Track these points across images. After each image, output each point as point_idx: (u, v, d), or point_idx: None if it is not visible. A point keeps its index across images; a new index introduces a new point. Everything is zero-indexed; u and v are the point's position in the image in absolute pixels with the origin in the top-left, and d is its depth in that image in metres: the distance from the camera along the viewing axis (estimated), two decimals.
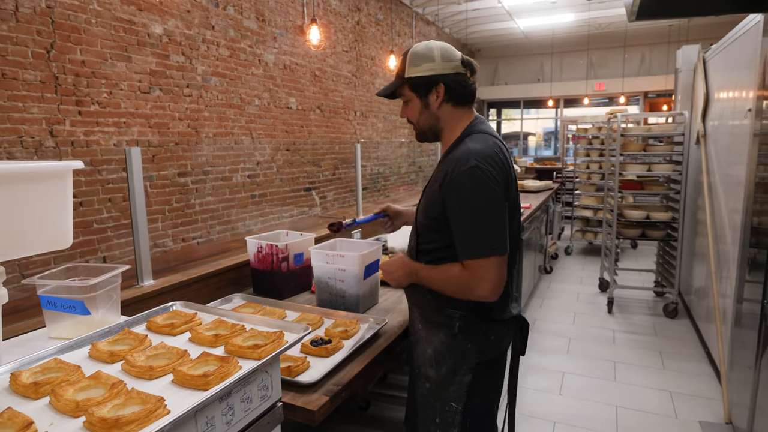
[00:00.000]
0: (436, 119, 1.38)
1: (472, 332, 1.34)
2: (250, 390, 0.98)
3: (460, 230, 1.25)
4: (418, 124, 1.41)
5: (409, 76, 1.35)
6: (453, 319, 1.34)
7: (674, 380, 3.04)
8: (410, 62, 1.35)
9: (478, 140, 1.31)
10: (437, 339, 1.37)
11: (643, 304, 4.46)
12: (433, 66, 1.33)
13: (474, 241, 1.22)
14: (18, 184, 0.93)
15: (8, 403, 0.83)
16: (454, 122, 1.39)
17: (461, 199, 1.23)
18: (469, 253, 1.23)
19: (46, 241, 0.98)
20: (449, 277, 1.28)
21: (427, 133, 1.42)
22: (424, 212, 1.38)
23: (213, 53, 5.05)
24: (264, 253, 1.97)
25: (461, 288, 1.26)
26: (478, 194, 1.22)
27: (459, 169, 1.24)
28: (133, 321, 1.20)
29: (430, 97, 1.36)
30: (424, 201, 1.39)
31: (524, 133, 14.43)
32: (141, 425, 0.77)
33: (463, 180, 1.23)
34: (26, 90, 3.46)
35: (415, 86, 1.36)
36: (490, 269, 1.21)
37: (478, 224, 1.22)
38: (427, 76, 1.33)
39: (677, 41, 10.39)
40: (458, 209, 1.24)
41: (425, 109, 1.37)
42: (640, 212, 4.31)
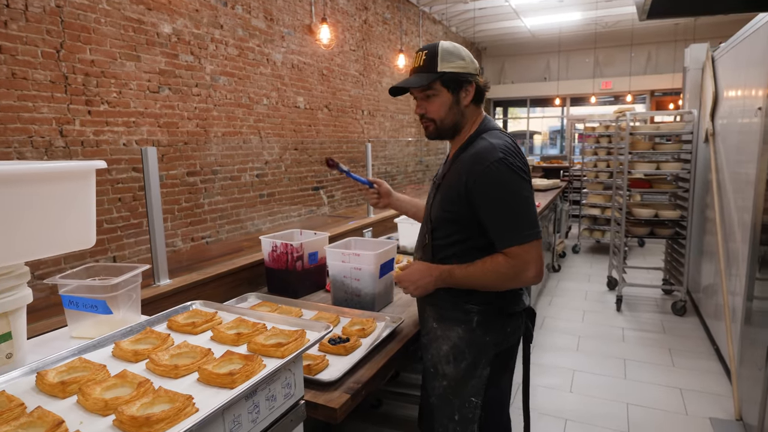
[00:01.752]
0: (462, 116, 1.41)
1: (489, 325, 1.37)
2: (275, 388, 0.99)
3: (500, 220, 1.28)
4: (442, 120, 1.40)
5: (444, 70, 1.35)
6: (471, 314, 1.36)
7: (684, 377, 3.04)
8: (443, 57, 1.36)
9: (496, 136, 1.37)
10: (454, 335, 1.38)
11: (651, 302, 4.45)
12: (465, 65, 1.37)
13: (517, 228, 1.26)
14: (44, 183, 0.93)
15: (37, 402, 0.84)
16: (471, 121, 1.44)
17: (497, 190, 1.27)
18: (513, 240, 1.26)
19: (71, 241, 0.99)
20: (494, 269, 1.29)
21: (448, 130, 1.43)
22: (441, 206, 1.39)
23: (222, 52, 5.07)
24: (279, 252, 1.97)
25: (509, 276, 1.29)
26: (512, 183, 1.27)
27: (488, 161, 1.28)
28: (154, 320, 1.21)
29: (461, 93, 1.39)
30: (441, 196, 1.40)
31: (530, 132, 14.40)
32: (171, 423, 0.77)
33: (495, 172, 1.27)
34: (36, 90, 3.48)
35: (449, 81, 1.37)
36: (534, 252, 1.26)
37: (518, 211, 1.27)
38: (461, 73, 1.37)
39: (684, 40, 10.32)
40: (495, 200, 1.28)
41: (455, 105, 1.39)
42: (648, 210, 4.30)
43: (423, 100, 1.41)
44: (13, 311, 0.96)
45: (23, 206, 0.90)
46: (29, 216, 0.92)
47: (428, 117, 1.42)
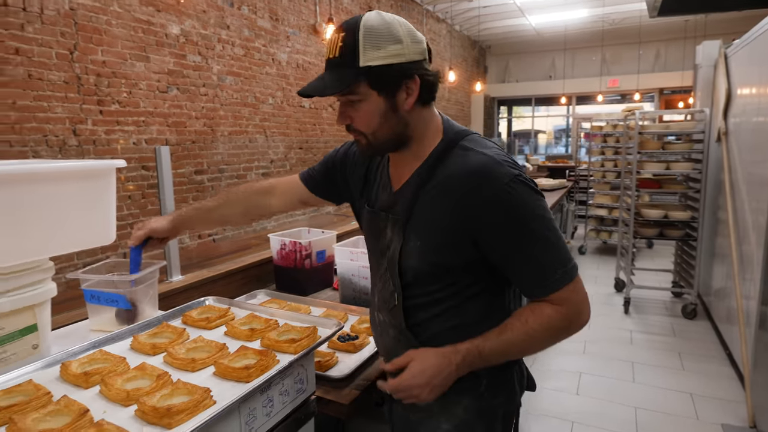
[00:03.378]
0: (405, 126, 0.97)
1: (498, 385, 1.06)
2: (288, 383, 1.01)
3: (537, 261, 0.93)
4: (375, 132, 0.96)
5: (368, 64, 0.89)
6: (480, 378, 1.02)
7: (695, 382, 3.02)
8: (366, 44, 0.89)
9: (483, 144, 0.98)
10: (460, 409, 1.04)
11: (660, 305, 4.44)
12: (402, 50, 0.90)
13: (558, 268, 0.93)
14: (68, 182, 0.97)
15: (62, 391, 0.87)
16: (425, 128, 1.00)
17: (526, 221, 0.91)
18: (560, 281, 0.93)
19: (93, 237, 1.02)
20: (545, 327, 0.96)
21: (386, 144, 0.99)
22: (423, 257, 0.98)
23: (228, 53, 5.11)
24: (287, 250, 2.00)
25: (564, 330, 0.98)
26: (539, 208, 0.93)
27: (500, 183, 0.90)
28: (170, 315, 1.24)
29: (398, 95, 0.93)
30: (422, 242, 0.98)
31: (535, 131, 14.37)
32: (190, 415, 0.80)
33: (515, 196, 0.90)
34: (51, 90, 3.53)
35: (379, 80, 0.91)
36: (583, 288, 0.96)
37: (553, 245, 0.93)
38: (395, 65, 0.90)
39: (694, 36, 10.26)
40: (526, 235, 0.92)
41: (392, 113, 0.94)
42: (658, 211, 4.28)
43: (345, 105, 0.96)
44: (39, 304, 0.99)
45: (48, 203, 0.93)
46: (54, 213, 0.96)
47: (355, 129, 0.97)
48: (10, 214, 0.89)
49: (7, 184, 0.89)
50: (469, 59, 12.14)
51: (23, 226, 0.91)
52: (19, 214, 0.90)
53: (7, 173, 0.90)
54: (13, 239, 0.90)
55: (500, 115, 14.51)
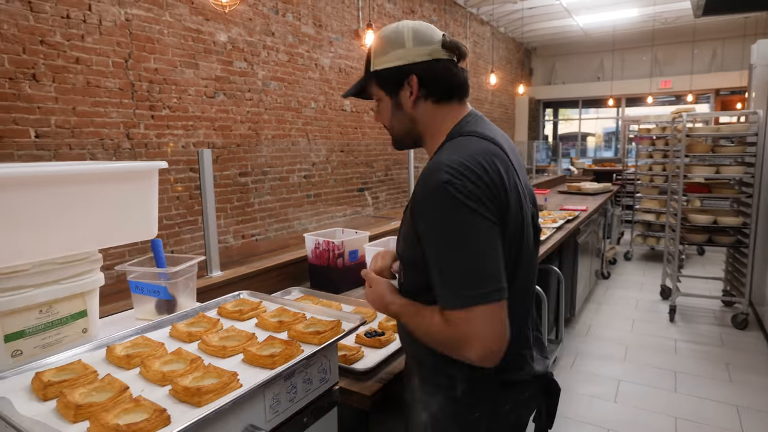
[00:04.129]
0: (412, 121, 1.06)
1: (478, 397, 1.02)
2: (311, 372, 1.07)
3: (434, 271, 0.92)
4: (392, 128, 1.10)
5: (376, 69, 1.04)
6: (454, 380, 1.02)
7: (742, 394, 2.88)
8: (377, 52, 1.05)
9: (459, 146, 0.97)
10: (435, 403, 1.05)
11: (709, 314, 4.24)
12: (404, 53, 1.01)
13: (452, 287, 0.89)
14: (116, 181, 1.06)
15: (106, 370, 0.96)
16: (436, 124, 1.05)
17: (432, 229, 0.91)
18: (446, 301, 0.90)
19: (137, 231, 1.11)
20: (428, 331, 0.97)
21: (405, 139, 1.11)
22: (402, 244, 1.06)
23: (273, 59, 5.29)
24: (321, 250, 2.07)
25: (444, 346, 0.95)
26: (452, 220, 0.89)
27: (426, 187, 0.92)
28: (206, 306, 1.32)
29: (401, 93, 1.04)
30: (401, 230, 1.08)
31: (582, 134, 13.98)
32: (218, 395, 0.86)
33: (430, 203, 0.91)
34: (107, 97, 3.78)
35: (383, 81, 1.05)
36: (478, 324, 0.87)
37: (456, 262, 0.89)
38: (395, 67, 1.02)
39: (754, 35, 9.72)
40: (429, 242, 0.92)
41: (398, 110, 1.06)
42: (706, 217, 4.10)
43: (376, 106, 1.11)
44: (89, 292, 1.09)
45: (98, 201, 1.03)
46: (102, 209, 1.05)
47: (384, 125, 1.13)
48: (65, 210, 0.99)
49: (63, 183, 0.99)
50: (513, 61, 11.97)
51: (76, 221, 1.01)
52: (72, 210, 1.00)
53: (63, 174, 1.00)
54: (67, 233, 1.00)
55: (546, 118, 14.21)
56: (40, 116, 3.39)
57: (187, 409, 0.84)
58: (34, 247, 0.94)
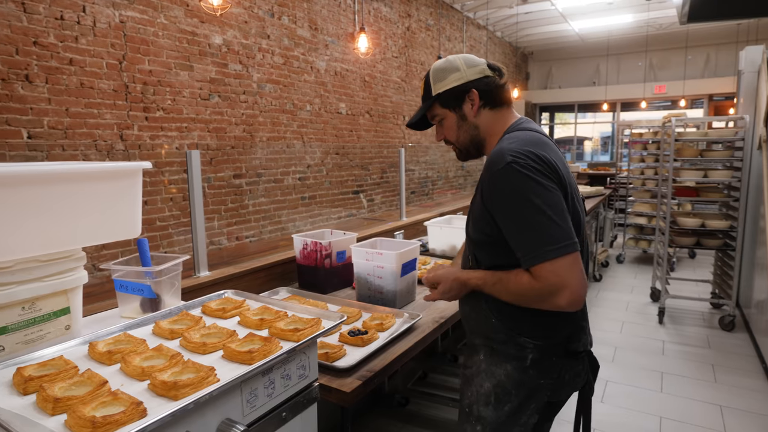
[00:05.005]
0: (476, 129, 1.27)
1: (546, 366, 1.17)
2: (290, 368, 1.09)
3: (515, 239, 1.08)
4: (458, 140, 1.30)
5: (438, 92, 1.26)
6: (525, 350, 1.17)
7: (726, 394, 2.92)
8: (435, 79, 1.27)
9: (513, 138, 1.16)
10: (502, 372, 1.19)
11: (697, 316, 4.28)
12: (460, 75, 1.25)
13: (535, 245, 1.04)
14: (99, 181, 1.08)
15: (87, 365, 0.98)
16: (495, 127, 1.27)
17: (506, 203, 1.08)
18: (532, 259, 1.04)
19: (121, 230, 1.13)
20: (517, 291, 1.10)
21: (470, 148, 1.30)
22: (474, 227, 1.22)
23: (268, 61, 5.31)
24: (309, 250, 2.09)
25: (535, 300, 1.09)
26: (523, 190, 1.05)
27: (493, 170, 1.10)
28: (190, 305, 1.34)
29: (464, 107, 1.26)
30: (471, 215, 1.25)
31: (578, 138, 14.05)
32: (195, 389, 0.89)
33: (501, 181, 1.08)
34: (101, 98, 3.80)
35: (446, 100, 1.27)
36: (566, 271, 1.02)
37: (534, 224, 1.04)
38: (456, 87, 1.25)
39: (746, 41, 9.81)
40: (506, 214, 1.09)
41: (463, 122, 1.27)
42: (695, 220, 4.15)
43: (438, 126, 1.33)
44: (72, 289, 1.11)
45: (82, 200, 1.05)
46: (87, 208, 1.08)
47: (448, 141, 1.33)
48: (49, 209, 1.01)
49: (47, 183, 1.01)
50: (510, 65, 12.03)
51: (60, 220, 1.04)
52: (56, 209, 1.02)
53: (47, 173, 1.03)
54: (51, 231, 1.03)
55: (542, 122, 14.28)
56: (32, 117, 3.40)
57: (164, 403, 0.87)
58: (18, 244, 0.96)
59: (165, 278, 1.34)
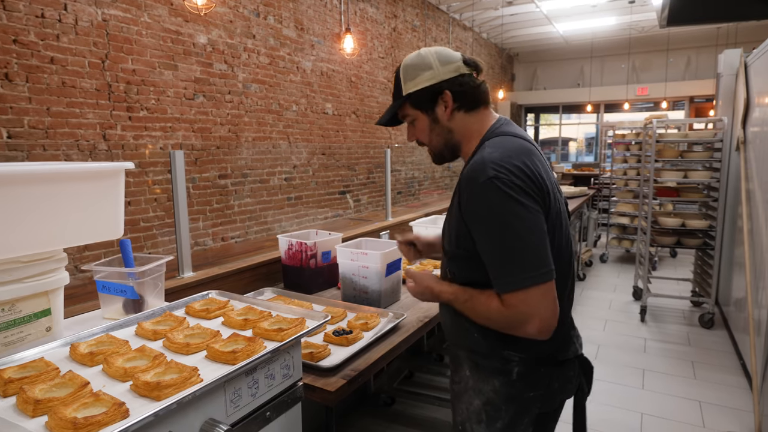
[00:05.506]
0: (450, 132, 1.18)
1: (533, 378, 1.12)
2: (274, 368, 1.10)
3: (489, 259, 1.03)
4: (431, 143, 1.21)
5: (408, 92, 1.16)
6: (510, 364, 1.12)
7: (705, 390, 2.99)
8: (405, 77, 1.17)
9: (497, 145, 1.08)
10: (489, 388, 1.14)
11: (678, 314, 4.36)
12: (433, 74, 1.14)
13: (508, 271, 0.99)
14: (80, 181, 1.08)
15: (69, 367, 0.98)
16: (470, 130, 1.18)
17: (484, 221, 1.02)
18: (504, 285, 1.00)
19: (102, 231, 1.13)
20: (486, 315, 1.06)
21: (444, 151, 1.21)
22: (450, 240, 1.15)
23: (254, 61, 5.29)
24: (294, 251, 2.09)
25: (504, 327, 1.05)
26: (502, 212, 0.99)
27: (475, 183, 1.02)
28: (174, 306, 1.34)
29: (437, 109, 1.16)
30: (447, 225, 1.17)
31: (563, 139, 14.20)
32: (178, 389, 0.89)
33: (481, 196, 1.01)
34: (83, 97, 3.75)
35: (418, 101, 1.17)
36: (536, 302, 0.99)
37: (510, 249, 0.99)
38: (428, 87, 1.15)
39: (725, 44, 10.01)
40: (483, 234, 1.03)
41: (435, 125, 1.18)
42: (675, 220, 4.23)
43: (409, 126, 1.23)
44: (53, 290, 1.10)
45: (64, 200, 1.04)
46: (69, 208, 1.07)
47: (421, 142, 1.24)
48: (30, 210, 1.00)
49: (27, 183, 1.00)
50: (495, 67, 12.13)
51: (41, 220, 1.03)
52: (37, 209, 1.01)
53: (28, 173, 1.02)
54: (32, 232, 1.02)
55: (528, 123, 14.41)
56: (12, 116, 3.35)
57: (146, 403, 0.87)
58: None
59: (148, 279, 1.34)
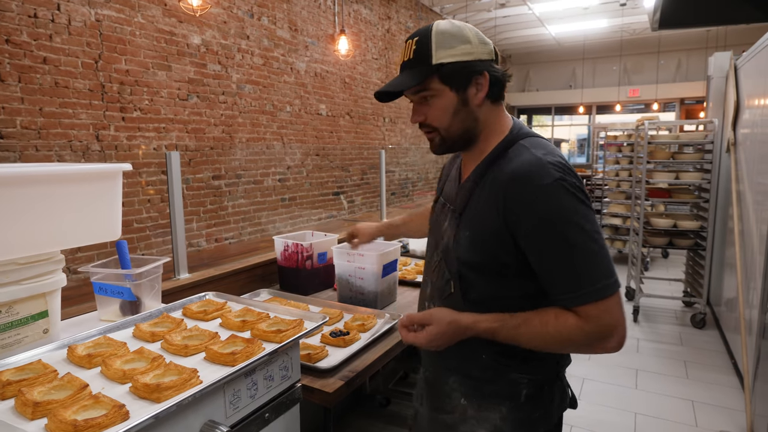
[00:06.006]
0: (475, 121, 1.02)
1: (539, 398, 1.04)
2: (272, 369, 1.10)
3: (565, 268, 0.91)
4: (448, 127, 1.02)
5: (440, 61, 0.97)
6: (520, 387, 1.02)
7: (697, 390, 3.02)
8: (438, 44, 0.98)
9: (542, 146, 0.98)
10: (496, 415, 1.03)
11: (670, 314, 4.40)
12: (471, 49, 0.98)
13: (589, 280, 0.89)
14: (78, 183, 1.07)
15: (67, 369, 0.97)
16: (492, 126, 1.05)
17: (557, 225, 0.90)
18: (584, 296, 0.89)
19: (100, 233, 1.12)
20: (562, 336, 0.91)
21: (458, 140, 1.04)
22: (471, 247, 1.00)
23: (247, 62, 5.28)
24: (290, 252, 2.09)
25: (584, 346, 0.93)
26: (574, 215, 0.90)
27: (539, 183, 0.91)
28: (171, 307, 1.34)
29: (469, 90, 1.00)
30: (470, 233, 1.00)
31: (555, 140, 14.30)
32: (178, 391, 0.89)
33: (551, 198, 0.90)
34: (76, 98, 3.72)
35: (450, 76, 0.98)
36: (618, 311, 0.90)
37: (589, 256, 0.90)
38: (466, 62, 0.98)
39: (715, 47, 10.13)
40: (556, 240, 0.90)
41: (462, 107, 1.00)
42: (667, 221, 4.27)
43: (420, 103, 1.04)
44: (50, 292, 1.10)
45: (62, 202, 1.04)
46: (67, 210, 1.07)
47: (429, 125, 1.04)
48: (27, 211, 1.00)
49: (25, 184, 1.00)
50: None
51: (39, 222, 1.02)
52: (35, 211, 1.01)
53: (25, 174, 1.01)
54: (29, 233, 1.01)
55: None
56: (4, 117, 3.32)
57: (146, 405, 0.87)
58: None
59: (145, 281, 1.33)
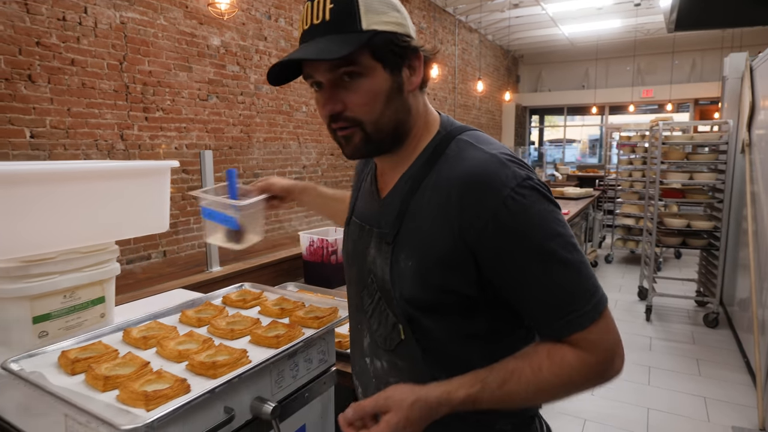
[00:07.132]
0: (407, 113, 0.78)
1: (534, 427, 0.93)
2: (311, 353, 1.18)
3: (551, 292, 0.71)
4: (378, 120, 0.75)
5: (371, 28, 0.71)
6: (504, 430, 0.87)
7: (709, 387, 3.06)
8: (367, 5, 0.71)
9: (485, 140, 0.79)
10: None
11: (683, 314, 4.43)
12: (402, 19, 0.75)
13: (584, 298, 0.71)
14: (131, 179, 1.16)
15: (125, 350, 1.06)
16: (425, 117, 0.82)
17: (533, 240, 0.70)
18: (582, 320, 0.70)
19: (152, 225, 1.21)
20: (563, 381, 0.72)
21: (386, 138, 0.78)
22: (420, 281, 0.76)
23: (265, 63, 5.38)
24: (315, 247, 2.18)
25: (588, 382, 0.74)
26: (554, 223, 0.71)
27: (499, 190, 0.70)
28: (212, 296, 1.42)
29: (403, 71, 0.76)
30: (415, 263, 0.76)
31: (567, 140, 14.28)
32: (231, 368, 0.97)
33: (519, 208, 0.69)
34: (102, 98, 3.85)
35: (383, 50, 0.73)
36: (614, 326, 0.73)
37: (576, 271, 0.71)
38: (400, 35, 0.74)
39: (731, 47, 10.06)
40: (535, 258, 0.70)
41: (397, 94, 0.76)
42: (680, 221, 4.30)
43: (335, 86, 0.74)
44: (106, 280, 1.19)
45: (117, 196, 1.13)
46: (121, 203, 1.15)
47: (350, 117, 0.75)
48: (88, 204, 1.09)
49: (87, 179, 1.09)
50: (501, 69, 12.21)
51: (98, 214, 1.11)
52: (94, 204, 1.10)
53: (87, 170, 1.10)
54: (90, 225, 1.10)
55: (532, 125, 14.49)
56: (35, 117, 3.44)
57: (203, 381, 0.95)
58: (63, 236, 1.04)
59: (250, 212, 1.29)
